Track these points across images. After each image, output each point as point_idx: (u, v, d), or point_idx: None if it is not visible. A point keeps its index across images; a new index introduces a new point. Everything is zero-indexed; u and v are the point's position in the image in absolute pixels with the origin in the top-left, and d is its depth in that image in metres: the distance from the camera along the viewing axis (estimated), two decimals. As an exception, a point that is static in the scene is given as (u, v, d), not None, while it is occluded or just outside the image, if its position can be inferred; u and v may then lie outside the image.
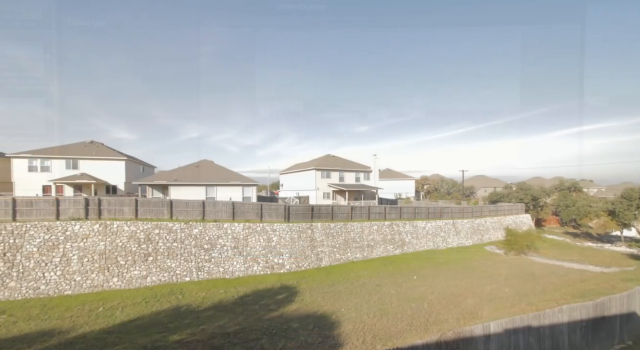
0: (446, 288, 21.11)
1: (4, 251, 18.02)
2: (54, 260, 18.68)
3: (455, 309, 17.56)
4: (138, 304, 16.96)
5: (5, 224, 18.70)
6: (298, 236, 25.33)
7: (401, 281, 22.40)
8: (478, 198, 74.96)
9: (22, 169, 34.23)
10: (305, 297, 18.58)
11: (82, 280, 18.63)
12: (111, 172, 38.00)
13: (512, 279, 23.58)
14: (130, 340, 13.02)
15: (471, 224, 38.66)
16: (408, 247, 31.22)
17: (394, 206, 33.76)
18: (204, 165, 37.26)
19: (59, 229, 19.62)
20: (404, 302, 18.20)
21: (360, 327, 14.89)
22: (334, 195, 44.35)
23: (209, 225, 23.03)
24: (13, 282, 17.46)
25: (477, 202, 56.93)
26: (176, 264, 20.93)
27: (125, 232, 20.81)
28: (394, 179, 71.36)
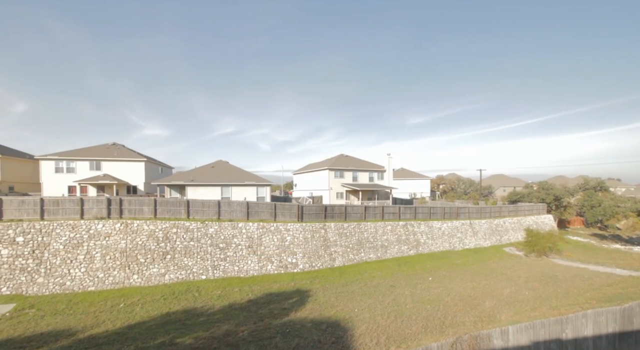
0: (463, 290, 20.63)
1: (33, 248, 19.03)
2: (79, 257, 19.55)
3: (472, 311, 17.13)
4: (157, 301, 17.51)
5: (34, 223, 19.73)
6: (311, 236, 25.41)
7: (416, 282, 22.06)
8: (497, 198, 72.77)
9: (49, 170, 36.03)
10: (318, 297, 18.62)
11: (104, 277, 19.41)
12: (132, 172, 39.41)
13: (533, 281, 22.76)
14: (149, 336, 13.46)
15: (489, 225, 37.58)
16: (423, 247, 30.70)
17: (409, 206, 33.25)
18: (220, 165, 38.00)
19: (83, 227, 20.50)
20: (419, 304, 17.92)
21: (374, 328, 14.78)
22: (348, 195, 44.18)
23: (224, 225, 23.46)
24: (41, 278, 18.41)
25: (495, 202, 55.28)
26: (193, 262, 21.45)
27: (144, 231, 21.50)
28: (409, 178, 70.33)
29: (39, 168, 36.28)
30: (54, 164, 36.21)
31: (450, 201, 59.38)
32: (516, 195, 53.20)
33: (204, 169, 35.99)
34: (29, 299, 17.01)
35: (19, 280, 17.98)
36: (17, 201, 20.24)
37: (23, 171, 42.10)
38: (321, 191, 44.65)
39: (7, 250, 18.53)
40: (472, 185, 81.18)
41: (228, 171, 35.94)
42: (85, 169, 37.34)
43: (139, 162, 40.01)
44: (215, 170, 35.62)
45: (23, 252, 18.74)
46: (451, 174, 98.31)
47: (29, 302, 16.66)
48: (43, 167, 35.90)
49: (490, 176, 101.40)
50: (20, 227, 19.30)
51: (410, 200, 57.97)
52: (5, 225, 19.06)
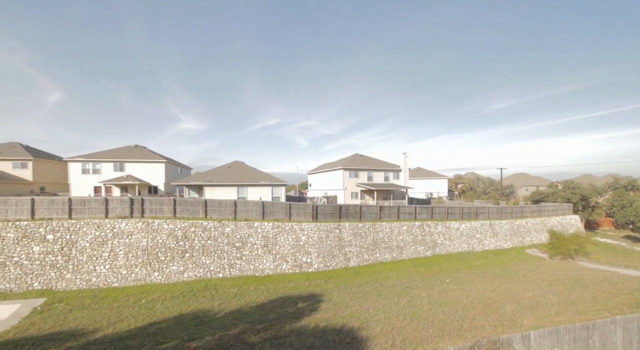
0: (482, 293, 20.05)
1: (62, 246, 20.08)
2: (104, 255, 20.46)
3: (491, 315, 16.63)
4: (176, 298, 18.06)
5: (62, 221, 20.82)
6: (326, 236, 25.43)
7: (432, 284, 21.64)
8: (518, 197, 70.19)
9: (76, 171, 37.89)
10: (333, 297, 18.62)
11: (127, 273, 20.22)
12: (153, 173, 40.84)
13: (557, 285, 21.81)
14: (168, 332, 13.91)
15: (510, 225, 36.29)
16: (440, 248, 30.06)
17: (425, 206, 32.63)
18: (236, 166, 38.70)
19: (108, 226, 21.43)
20: (436, 306, 17.57)
21: (389, 329, 14.63)
22: (362, 194, 43.90)
23: (240, 224, 23.88)
24: (69, 274, 19.40)
25: (517, 202, 53.29)
26: (210, 260, 21.97)
27: (164, 230, 22.22)
28: (425, 178, 69.05)
29: (67, 169, 38.24)
30: (81, 166, 38.05)
31: (468, 201, 57.80)
32: (539, 195, 51.06)
33: (220, 170, 36.76)
34: (58, 294, 17.97)
35: (49, 276, 19.03)
36: (48, 201, 21.41)
37: (53, 172, 44.51)
38: (336, 191, 44.59)
39: (38, 247, 19.65)
40: (492, 185, 78.70)
41: (244, 171, 36.54)
42: (110, 170, 39.02)
43: (159, 163, 41.38)
44: (232, 171, 36.30)
45: (53, 249, 19.81)
46: (470, 173, 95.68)
47: (58, 296, 17.60)
48: (71, 169, 37.80)
49: (512, 175, 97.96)
50: (50, 226, 20.41)
51: (427, 200, 56.89)
52: (36, 224, 20.22)
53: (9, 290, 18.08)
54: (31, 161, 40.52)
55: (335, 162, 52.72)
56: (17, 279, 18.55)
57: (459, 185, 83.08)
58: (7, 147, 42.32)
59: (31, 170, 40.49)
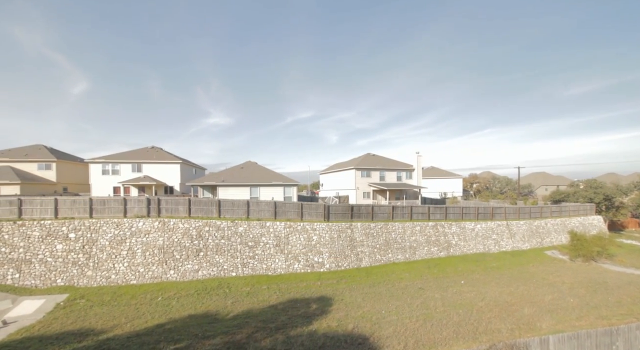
0: (498, 295, 19.53)
1: (83, 244, 20.88)
2: (122, 253, 21.14)
3: (508, 318, 16.18)
4: (191, 296, 18.46)
5: (84, 221, 21.64)
6: (338, 236, 25.38)
7: (447, 285, 21.25)
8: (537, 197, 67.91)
9: (97, 172, 39.28)
10: (344, 297, 18.57)
11: (144, 271, 20.82)
12: (169, 174, 41.85)
13: (579, 288, 20.98)
14: (184, 329, 14.24)
15: (529, 226, 35.16)
16: (454, 249, 29.46)
17: (439, 206, 32.04)
18: (248, 166, 39.18)
19: (126, 225, 22.12)
20: (450, 308, 17.24)
21: (401, 330, 14.47)
22: (375, 194, 43.55)
23: (253, 224, 24.16)
24: (90, 271, 20.16)
25: (536, 202, 51.59)
26: (224, 259, 22.33)
27: (180, 229, 22.75)
28: (439, 177, 67.82)
29: (88, 170, 39.71)
30: (101, 167, 39.42)
31: (484, 201, 56.40)
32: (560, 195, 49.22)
33: (233, 170, 37.30)
34: (80, 290, 18.70)
35: (71, 273, 19.84)
36: (70, 201, 22.31)
37: (75, 173, 46.32)
38: (347, 191, 44.43)
39: (61, 245, 20.51)
40: (509, 184, 76.52)
41: (256, 172, 36.94)
42: (128, 171, 40.24)
43: (175, 164, 42.37)
44: (245, 171, 36.77)
45: (75, 247, 20.63)
46: (485, 172, 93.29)
47: (80, 293, 18.31)
48: (92, 170, 39.22)
49: (530, 174, 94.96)
50: (72, 224, 21.27)
51: (441, 200, 55.85)
52: (60, 223, 21.10)
53: (34, 286, 18.95)
54: (55, 163, 42.30)
55: (347, 161, 52.53)
56: (41, 275, 19.43)
57: (474, 185, 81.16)
58: (33, 149, 44.35)
59: (55, 172, 42.26)
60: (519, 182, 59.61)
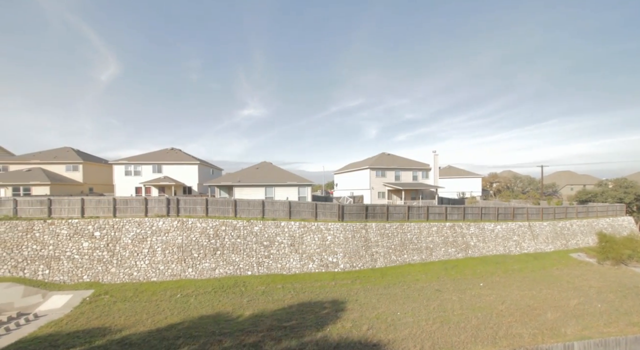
0: (520, 299, 18.86)
1: (107, 242, 21.81)
2: (143, 251, 21.92)
3: (530, 322, 15.59)
4: (208, 293, 18.90)
5: (108, 220, 22.60)
6: (352, 236, 25.26)
7: (465, 288, 20.71)
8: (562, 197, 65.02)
9: (120, 173, 40.90)
10: (359, 298, 18.46)
11: (164, 269, 21.50)
12: (187, 174, 43.00)
13: (607, 293, 19.93)
14: (201, 325, 14.60)
15: (552, 227, 33.69)
16: (473, 251, 28.65)
17: (456, 206, 31.23)
18: (264, 167, 39.67)
19: (147, 224, 22.92)
20: (468, 311, 16.80)
21: (417, 332, 14.24)
22: (390, 194, 43.02)
23: (268, 223, 24.44)
24: (114, 268, 21.02)
25: (560, 202, 49.40)
26: (240, 258, 22.72)
27: (197, 228, 23.34)
28: (457, 177, 66.14)
29: (112, 171, 41.44)
30: (124, 168, 41.02)
31: (505, 201, 54.55)
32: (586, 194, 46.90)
33: (249, 170, 37.87)
34: (104, 286, 19.55)
35: (97, 270, 20.76)
36: (95, 200, 23.35)
37: (100, 174, 48.41)
38: (362, 191, 44.13)
39: (87, 243, 21.51)
40: (531, 184, 73.62)
41: (271, 172, 37.34)
42: (149, 172, 41.66)
43: (193, 164, 43.48)
44: (260, 172, 37.25)
45: (99, 245, 21.58)
46: (506, 171, 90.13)
47: (104, 289, 19.14)
48: (115, 171, 40.88)
49: (554, 173, 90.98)
50: (98, 223, 22.25)
51: (460, 200, 54.43)
52: (85, 222, 22.13)
53: (62, 282, 19.97)
54: (81, 164, 44.38)
55: (362, 161, 52.17)
56: (69, 271, 20.45)
57: (494, 184, 78.60)
58: (61, 151, 46.73)
59: (81, 173, 44.34)
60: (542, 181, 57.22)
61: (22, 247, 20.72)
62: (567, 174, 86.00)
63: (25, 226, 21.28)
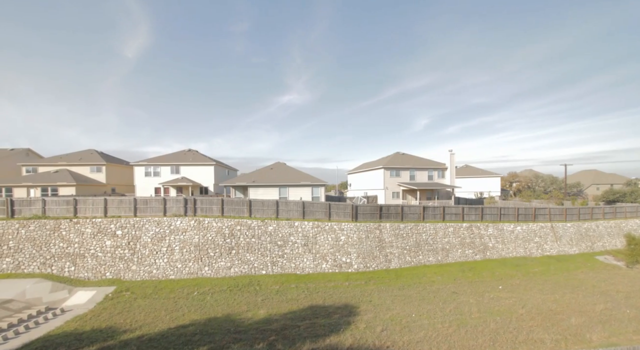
0: (541, 303, 18.17)
1: (129, 241, 22.62)
2: (162, 249, 22.61)
3: (553, 328, 14.99)
4: (224, 291, 19.27)
5: (129, 219, 23.44)
6: (366, 236, 25.10)
7: (483, 290, 20.16)
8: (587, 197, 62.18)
9: (140, 174, 42.36)
10: (373, 298, 18.32)
11: (182, 267, 22.09)
12: (203, 175, 44.01)
13: (637, 298, 18.89)
14: (216, 322, 14.92)
15: (577, 229, 32.26)
16: (491, 252, 27.83)
17: (474, 206, 30.43)
18: (278, 167, 40.04)
19: (166, 223, 23.62)
20: (486, 315, 16.35)
21: (433, 335, 13.99)
22: (404, 194, 42.45)
23: (282, 223, 24.65)
24: (135, 265, 21.79)
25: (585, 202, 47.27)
26: (254, 257, 23.04)
27: (213, 228, 23.84)
28: (475, 176, 64.51)
29: (133, 172, 42.98)
30: (144, 169, 42.45)
31: (525, 201, 52.72)
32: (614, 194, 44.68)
33: (263, 171, 38.33)
34: (125, 283, 20.30)
35: (118, 267, 21.58)
36: (117, 200, 24.28)
37: (122, 175, 50.30)
38: (376, 191, 43.76)
39: (110, 241, 22.40)
40: (554, 183, 70.75)
41: (285, 172, 37.64)
42: (168, 173, 42.94)
43: (209, 165, 44.45)
44: (274, 172, 37.62)
45: (121, 243, 22.43)
46: (527, 170, 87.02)
47: (125, 285, 19.87)
48: (136, 172, 42.38)
49: (579, 172, 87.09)
50: (119, 222, 23.13)
51: (477, 200, 53.03)
52: (108, 221, 23.05)
53: (86, 279, 20.89)
54: (105, 166, 46.26)
55: (375, 161, 51.75)
56: (93, 268, 21.36)
57: (513, 184, 76.08)
58: (86, 153, 48.88)
59: (104, 174, 46.22)
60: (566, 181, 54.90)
61: (50, 244, 21.83)
62: (593, 173, 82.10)
63: (53, 225, 22.41)
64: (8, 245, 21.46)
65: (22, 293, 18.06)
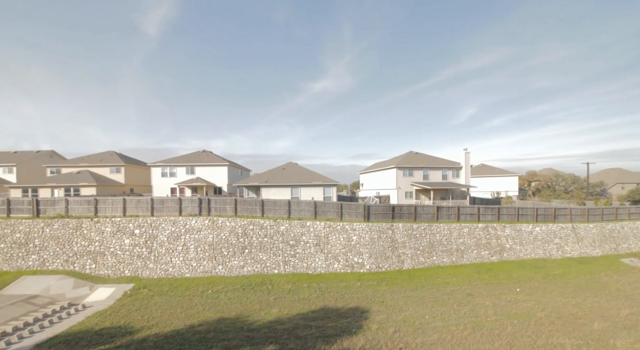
0: (562, 306, 17.53)
1: (146, 239, 23.29)
2: (178, 248, 23.16)
3: (574, 332, 14.43)
4: (237, 290, 19.56)
5: (146, 218, 24.14)
6: (378, 236, 24.90)
7: (499, 293, 19.63)
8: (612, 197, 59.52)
9: (157, 175, 43.53)
10: (385, 299, 18.16)
11: (197, 266, 22.56)
12: (217, 175, 44.79)
13: (667, 303, 17.93)
14: (230, 321, 15.15)
15: (600, 230, 30.93)
16: (508, 254, 27.05)
17: (490, 206, 29.66)
18: (290, 167, 40.29)
19: (181, 223, 24.19)
20: (503, 318, 15.91)
21: (447, 338, 13.73)
22: (417, 194, 41.85)
23: (294, 223, 24.78)
24: (152, 264, 22.42)
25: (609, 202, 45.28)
26: (267, 257, 23.26)
27: (227, 227, 24.23)
28: (491, 175, 62.88)
29: (150, 173, 44.23)
30: (160, 170, 43.61)
31: (545, 201, 50.98)
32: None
33: (275, 171, 38.65)
34: (143, 281, 20.91)
35: (136, 265, 22.26)
36: (135, 200, 25.04)
37: (140, 176, 51.82)
38: (389, 190, 43.34)
39: (128, 240, 23.13)
40: (575, 182, 68.09)
41: (297, 172, 37.83)
42: (183, 173, 43.96)
43: (223, 166, 45.20)
44: (286, 172, 37.87)
45: (139, 242, 23.12)
46: (546, 169, 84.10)
47: (143, 283, 20.48)
48: (153, 173, 43.60)
49: (602, 171, 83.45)
50: (137, 222, 23.85)
51: (494, 200, 51.68)
52: (127, 220, 23.81)
53: (106, 276, 21.65)
54: (123, 167, 47.79)
55: (388, 160, 51.25)
56: (112, 266, 22.11)
57: (532, 184, 73.67)
58: (106, 155, 50.65)
59: (123, 174, 47.74)
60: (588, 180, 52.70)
61: (73, 242, 22.75)
62: (617, 172, 78.52)
63: (75, 224, 23.34)
64: (34, 243, 22.52)
65: (46, 289, 18.92)
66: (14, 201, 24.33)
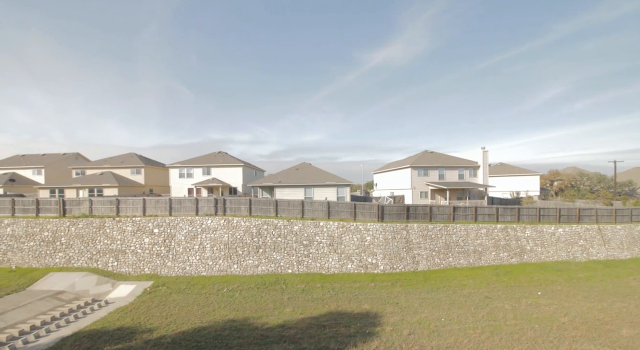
0: (587, 311, 16.77)
1: (164, 238, 24.00)
2: (194, 247, 23.73)
3: (600, 339, 13.77)
4: (251, 289, 19.84)
5: (165, 218, 24.87)
6: (392, 237, 24.62)
7: (519, 296, 18.99)
8: (642, 197, 56.28)
9: (175, 176, 44.77)
10: (400, 301, 17.93)
11: (212, 264, 23.04)
12: (233, 176, 45.59)
13: None
14: (244, 320, 15.39)
15: (628, 231, 29.35)
16: (529, 255, 26.12)
17: (509, 206, 28.72)
18: (303, 167, 40.47)
19: (198, 222, 24.77)
20: (523, 322, 15.38)
21: (464, 341, 13.41)
22: (433, 194, 41.08)
23: (307, 223, 24.88)
24: (170, 262, 23.08)
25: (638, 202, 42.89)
26: (280, 256, 23.47)
27: (242, 227, 24.62)
28: (510, 175, 60.88)
29: (168, 174, 45.56)
30: (178, 171, 44.84)
31: (568, 201, 48.86)
32: (675, 194, 40.03)
33: (289, 172, 38.92)
34: (161, 279, 21.56)
35: (155, 263, 22.97)
36: (154, 200, 25.85)
37: (159, 177, 53.47)
38: (403, 190, 42.78)
39: (148, 238, 23.91)
40: (602, 181, 64.93)
41: (310, 173, 37.95)
42: (200, 174, 45.03)
43: (238, 167, 45.96)
44: (299, 172, 38.07)
45: (158, 241, 23.85)
46: (570, 168, 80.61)
47: (162, 281, 21.11)
48: (171, 174, 44.88)
49: (631, 169, 79.19)
50: (156, 221, 24.61)
51: (514, 200, 49.99)
52: (146, 219, 24.62)
53: (127, 273, 22.46)
54: (143, 168, 49.46)
55: (402, 160, 50.59)
56: (133, 264, 22.92)
57: (554, 183, 70.78)
58: (127, 157, 52.56)
59: (143, 176, 49.41)
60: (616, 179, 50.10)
61: (96, 241, 23.74)
62: (649, 170, 74.30)
63: (99, 223, 24.35)
64: (60, 242, 23.66)
65: (72, 285, 19.84)
66: (42, 201, 25.65)
